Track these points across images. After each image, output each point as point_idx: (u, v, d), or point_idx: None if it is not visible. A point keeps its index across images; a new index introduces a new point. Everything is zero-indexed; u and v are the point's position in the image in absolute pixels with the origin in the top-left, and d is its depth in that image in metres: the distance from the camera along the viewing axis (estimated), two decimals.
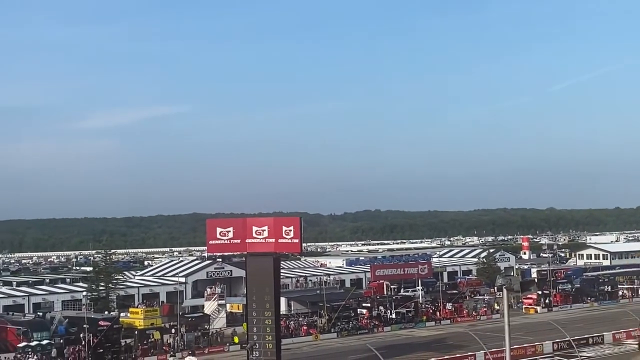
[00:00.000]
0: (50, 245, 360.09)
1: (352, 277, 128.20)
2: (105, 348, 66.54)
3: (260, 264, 52.24)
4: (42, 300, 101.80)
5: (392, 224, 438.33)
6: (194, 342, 72.64)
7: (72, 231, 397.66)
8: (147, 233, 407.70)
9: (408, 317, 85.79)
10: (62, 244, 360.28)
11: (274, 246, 52.49)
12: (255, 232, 53.00)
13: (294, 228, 52.46)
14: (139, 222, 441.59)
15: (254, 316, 51.75)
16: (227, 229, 53.78)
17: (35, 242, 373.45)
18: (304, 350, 69.63)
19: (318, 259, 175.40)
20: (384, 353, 51.76)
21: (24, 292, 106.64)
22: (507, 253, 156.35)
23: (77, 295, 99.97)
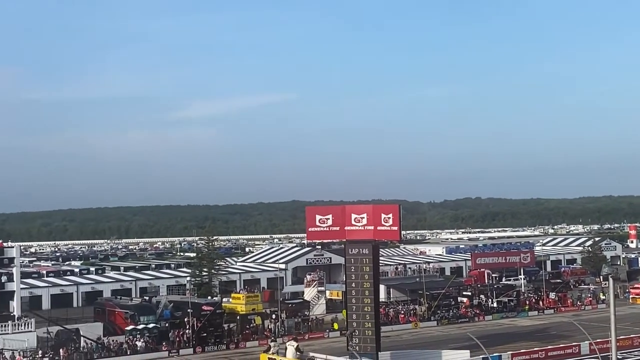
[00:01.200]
0: (156, 231, 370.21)
1: (452, 265, 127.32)
2: (208, 332, 68.13)
3: (359, 251, 52.28)
4: (148, 285, 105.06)
5: (494, 211, 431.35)
6: (294, 327, 73.47)
7: (176, 218, 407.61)
8: (248, 220, 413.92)
9: (510, 306, 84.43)
10: (166, 230, 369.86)
11: (373, 233, 52.41)
12: (354, 219, 53.03)
13: (393, 215, 52.23)
14: (240, 209, 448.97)
15: (353, 303, 51.86)
16: (326, 216, 54.00)
17: (141, 228, 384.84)
18: (404, 338, 69.45)
19: (417, 246, 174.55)
20: (486, 342, 51.06)
21: (131, 277, 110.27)
22: (614, 241, 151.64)
23: (181, 280, 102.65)
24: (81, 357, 63.21)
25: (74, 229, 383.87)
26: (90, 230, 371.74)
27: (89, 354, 63.79)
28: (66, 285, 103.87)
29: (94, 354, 63.89)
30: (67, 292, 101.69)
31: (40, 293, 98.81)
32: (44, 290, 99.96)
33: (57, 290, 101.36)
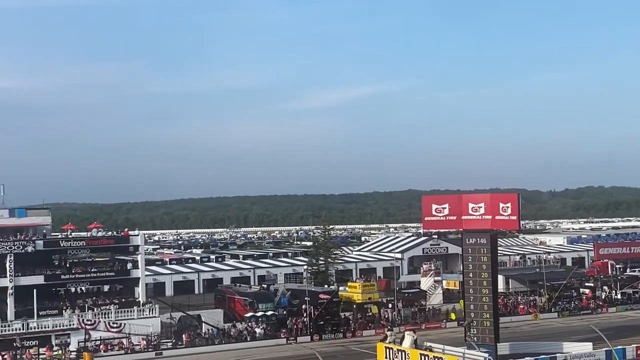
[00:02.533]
0: (273, 220, 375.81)
1: (574, 255, 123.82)
2: (325, 320, 68.75)
3: (476, 241, 51.51)
4: (266, 273, 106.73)
5: (618, 200, 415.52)
6: (411, 317, 73.20)
7: (293, 207, 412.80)
8: (364, 209, 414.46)
9: (635, 298, 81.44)
10: (283, 219, 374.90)
11: (491, 223, 51.52)
12: (472, 208, 52.26)
13: (512, 205, 51.20)
14: (356, 198, 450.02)
15: (471, 293, 51.20)
16: (443, 206, 53.44)
17: (259, 217, 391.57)
18: (523, 329, 68.11)
19: (537, 236, 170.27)
20: (609, 335, 49.47)
21: (249, 265, 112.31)
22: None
23: (298, 268, 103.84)
24: (202, 343, 65.00)
25: (195, 217, 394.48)
26: (211, 219, 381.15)
27: (210, 340, 65.52)
28: (188, 273, 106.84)
29: (215, 339, 65.57)
30: (188, 279, 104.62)
31: (163, 280, 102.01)
32: (167, 277, 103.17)
33: (180, 278, 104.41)
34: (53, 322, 63.71)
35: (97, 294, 70.86)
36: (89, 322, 64.08)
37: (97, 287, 71.00)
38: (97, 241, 71.99)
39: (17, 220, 69.62)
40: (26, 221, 70.30)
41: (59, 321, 63.89)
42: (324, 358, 57.78)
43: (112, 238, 73.75)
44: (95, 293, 70.89)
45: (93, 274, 70.90)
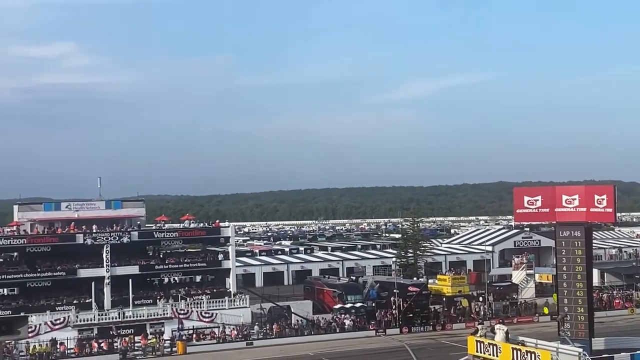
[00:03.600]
0: (361, 212, 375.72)
1: None
2: (414, 313, 68.38)
3: (570, 234, 50.23)
4: (355, 265, 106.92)
5: None
6: (502, 311, 72.10)
7: (381, 199, 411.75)
8: (453, 201, 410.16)
9: None
10: (372, 211, 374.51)
11: (585, 215, 50.11)
12: (565, 201, 50.94)
13: (607, 197, 49.66)
14: (445, 190, 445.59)
15: (565, 287, 49.97)
16: (535, 198, 52.26)
17: (347, 209, 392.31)
18: (619, 325, 66.27)
19: (633, 229, 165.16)
20: None
21: (338, 257, 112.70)
22: None
23: (386, 261, 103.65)
24: (292, 333, 65.56)
25: (283, 209, 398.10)
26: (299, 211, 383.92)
27: (300, 331, 66.03)
28: (277, 264, 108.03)
29: (304, 330, 66.04)
30: (278, 271, 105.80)
31: (253, 271, 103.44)
32: (257, 268, 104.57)
33: (269, 269, 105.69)
34: (148, 311, 65.36)
35: (189, 284, 72.35)
36: (182, 311, 65.46)
37: (189, 277, 72.47)
38: (190, 232, 73.47)
39: (113, 211, 71.75)
40: (122, 213, 72.34)
41: (153, 310, 65.49)
42: (414, 351, 57.64)
43: (204, 229, 75.12)
44: (188, 283, 72.38)
45: (186, 265, 72.44)
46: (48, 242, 67.28)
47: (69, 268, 67.97)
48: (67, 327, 61.76)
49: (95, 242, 67.84)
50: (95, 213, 70.93)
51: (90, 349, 59.70)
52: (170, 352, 60.87)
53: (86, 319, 63.03)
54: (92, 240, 67.83)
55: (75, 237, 67.90)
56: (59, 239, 67.76)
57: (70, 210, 70.74)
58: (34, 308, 64.17)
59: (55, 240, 67.60)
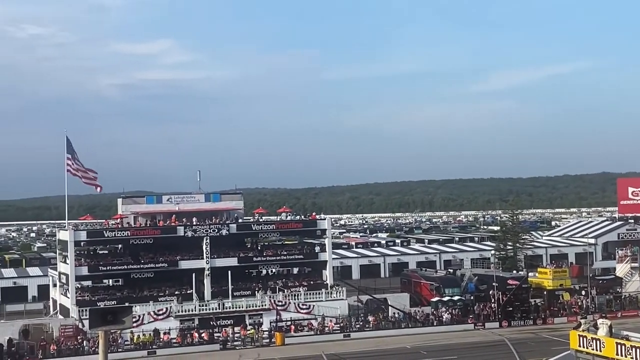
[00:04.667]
0: (458, 205, 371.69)
1: None
2: (514, 307, 67.23)
3: None
4: (452, 257, 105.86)
5: None
6: (606, 305, 70.05)
7: (479, 191, 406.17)
8: (554, 193, 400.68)
9: None
10: (469, 203, 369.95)
11: None
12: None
13: None
14: (545, 181, 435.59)
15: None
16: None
17: (444, 202, 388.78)
18: None
19: None
20: None
21: (435, 249, 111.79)
22: None
23: (485, 253, 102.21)
24: (389, 326, 65.41)
25: (380, 202, 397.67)
26: (395, 203, 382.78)
27: (397, 323, 65.82)
28: (374, 257, 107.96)
29: (401, 323, 65.79)
30: (374, 263, 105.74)
31: (350, 263, 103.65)
32: (353, 260, 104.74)
33: (366, 261, 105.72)
34: (246, 302, 66.34)
35: (286, 276, 73.04)
36: (280, 303, 66.16)
37: (286, 269, 73.16)
38: (286, 225, 74.16)
39: (212, 204, 73.04)
40: (220, 205, 73.59)
41: (252, 302, 66.43)
42: (514, 345, 56.50)
43: (301, 222, 75.67)
44: (285, 275, 73.07)
45: (283, 257, 73.16)
46: (150, 234, 69.07)
47: (170, 260, 69.62)
48: (169, 318, 63.34)
49: (195, 235, 69.27)
50: (195, 206, 72.36)
51: (191, 339, 61.06)
52: (269, 343, 61.66)
53: (187, 310, 64.48)
54: (192, 233, 69.27)
55: (176, 230, 69.50)
56: (161, 232, 69.48)
57: (171, 203, 72.41)
58: (137, 298, 66.00)
59: (157, 233, 69.34)
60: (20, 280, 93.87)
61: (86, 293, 67.44)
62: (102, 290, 68.54)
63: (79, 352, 57.90)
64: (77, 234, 67.87)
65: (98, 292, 68.16)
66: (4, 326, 61.58)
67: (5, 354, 57.11)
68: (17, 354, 57.39)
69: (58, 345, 58.25)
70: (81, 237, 68.03)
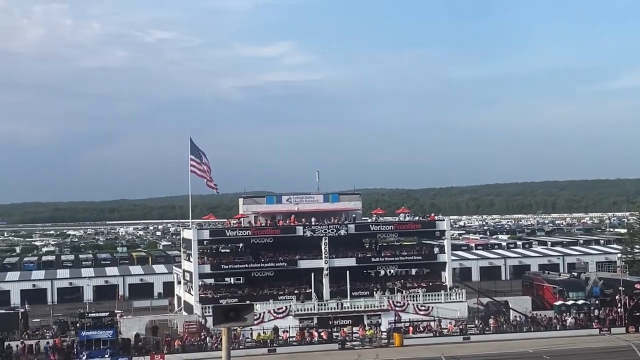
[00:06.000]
0: (583, 206, 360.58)
1: None
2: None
3: None
4: (576, 260, 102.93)
5: None
6: None
7: (605, 192, 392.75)
8: None
9: None
10: (594, 205, 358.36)
11: None
12: None
13: None
14: None
15: None
16: None
17: (567, 203, 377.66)
18: None
19: None
20: None
21: (558, 252, 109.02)
22: None
23: (611, 257, 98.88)
24: (510, 329, 64.12)
25: (500, 203, 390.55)
26: (517, 205, 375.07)
27: (518, 327, 64.46)
28: (494, 259, 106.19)
29: (523, 326, 64.39)
30: (495, 265, 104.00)
31: (469, 265, 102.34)
32: (473, 262, 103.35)
33: (486, 263, 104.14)
34: (365, 302, 66.41)
35: (405, 277, 72.67)
36: (399, 304, 65.92)
37: (405, 270, 72.78)
38: (405, 225, 73.77)
39: (330, 205, 73.52)
40: (339, 206, 73.98)
41: (370, 302, 66.45)
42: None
43: (419, 223, 75.16)
44: (404, 276, 72.72)
45: (401, 257, 72.84)
46: (270, 234, 70.16)
47: (289, 259, 70.51)
48: (289, 316, 64.18)
49: (314, 234, 69.89)
50: (314, 206, 73.00)
51: (310, 338, 61.65)
52: (387, 343, 61.50)
53: (306, 309, 65.16)
54: (311, 233, 69.93)
55: (296, 229, 70.29)
56: (281, 231, 70.45)
57: (290, 204, 73.30)
58: (258, 297, 67.17)
59: (277, 232, 70.36)
60: (147, 277, 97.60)
61: (209, 291, 69.17)
62: (224, 288, 70.11)
63: (202, 348, 59.45)
64: (201, 233, 69.76)
65: (220, 289, 69.77)
66: (131, 321, 63.96)
67: (133, 348, 59.34)
68: (143, 348, 59.49)
69: (182, 341, 60.00)
70: (204, 236, 69.89)
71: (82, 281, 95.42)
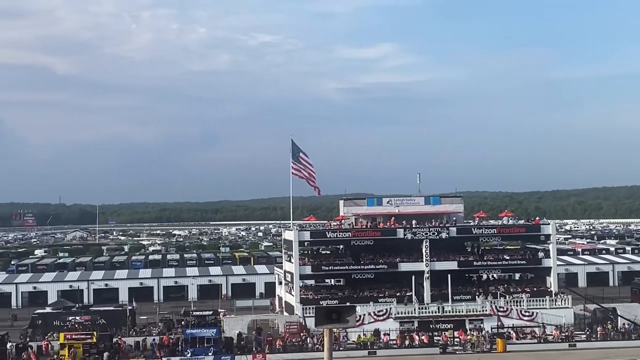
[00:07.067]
0: None
1: None
2: None
3: None
4: None
5: None
6: None
7: None
8: None
9: None
10: None
11: None
12: None
13: None
14: None
15: None
16: None
17: None
18: None
19: None
20: None
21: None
22: None
23: None
24: (618, 337, 62.11)
25: (608, 206, 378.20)
26: (626, 209, 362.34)
27: (627, 335, 62.33)
28: (602, 264, 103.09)
29: (632, 334, 62.21)
30: (602, 271, 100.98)
31: (575, 270, 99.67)
32: (579, 267, 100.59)
33: (593, 269, 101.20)
34: (467, 307, 65.55)
35: (508, 281, 71.42)
36: (501, 309, 64.74)
37: (508, 274, 71.47)
38: (508, 229, 72.48)
39: (431, 207, 72.89)
40: (440, 208, 73.24)
41: (472, 306, 65.53)
42: None
43: (523, 226, 73.74)
44: (507, 281, 71.47)
45: (504, 262, 71.57)
46: (371, 236, 70.10)
47: (390, 261, 70.25)
48: (389, 319, 63.93)
49: (415, 237, 69.43)
50: (415, 208, 72.51)
51: (411, 341, 61.27)
52: (490, 349, 60.48)
53: (407, 312, 64.79)
54: (412, 235, 69.49)
55: (396, 232, 70.01)
56: (381, 233, 70.30)
57: (391, 206, 73.05)
58: (358, 299, 67.15)
59: (377, 235, 70.24)
60: (249, 277, 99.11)
61: (309, 292, 69.65)
62: (324, 290, 70.46)
63: (303, 348, 59.91)
64: (302, 234, 70.30)
65: (320, 291, 70.15)
66: (234, 320, 65.07)
67: (235, 347, 60.35)
68: (245, 347, 60.40)
69: (283, 341, 60.62)
70: (305, 237, 70.39)
71: (186, 280, 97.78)
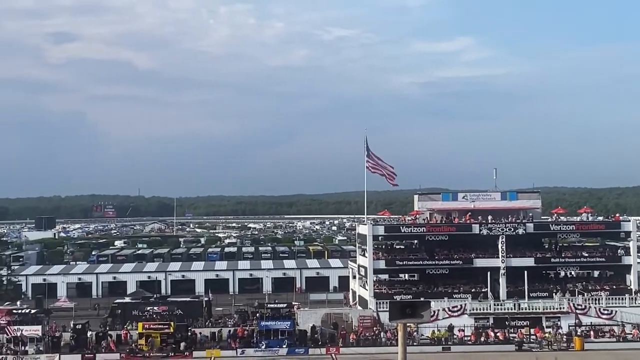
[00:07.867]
0: None
1: None
2: None
3: None
4: None
5: None
6: None
7: None
8: None
9: None
10: None
11: None
12: None
13: None
14: None
15: None
16: None
17: None
18: None
19: None
20: None
21: None
22: None
23: None
24: None
25: None
26: None
27: None
28: None
29: None
30: None
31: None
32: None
33: None
34: (543, 304, 64.52)
35: (586, 279, 70.16)
36: (580, 307, 63.53)
37: (586, 272, 70.17)
38: (587, 226, 71.09)
39: (508, 203, 71.99)
40: (517, 204, 72.29)
41: (549, 304, 64.47)
42: None
43: (603, 223, 72.32)
44: (585, 278, 70.22)
45: (583, 259, 70.30)
46: (445, 231, 69.64)
47: (465, 257, 69.65)
48: (464, 315, 63.40)
49: (490, 233, 68.68)
50: (491, 204, 71.71)
51: (486, 338, 60.65)
52: (567, 347, 59.45)
53: (482, 308, 64.12)
54: (487, 231, 68.76)
55: (471, 227, 69.37)
56: (456, 229, 69.78)
57: (466, 201, 72.42)
58: (432, 294, 66.76)
59: (452, 230, 69.74)
60: (323, 271, 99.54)
61: (383, 286, 69.61)
62: (398, 284, 70.33)
63: (377, 342, 59.92)
64: (376, 229, 70.28)
65: (394, 285, 70.04)
66: (308, 313, 65.48)
67: (309, 339, 60.77)
68: (319, 340, 60.76)
69: (357, 335, 60.74)
70: (379, 231, 70.36)
71: (261, 273, 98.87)
